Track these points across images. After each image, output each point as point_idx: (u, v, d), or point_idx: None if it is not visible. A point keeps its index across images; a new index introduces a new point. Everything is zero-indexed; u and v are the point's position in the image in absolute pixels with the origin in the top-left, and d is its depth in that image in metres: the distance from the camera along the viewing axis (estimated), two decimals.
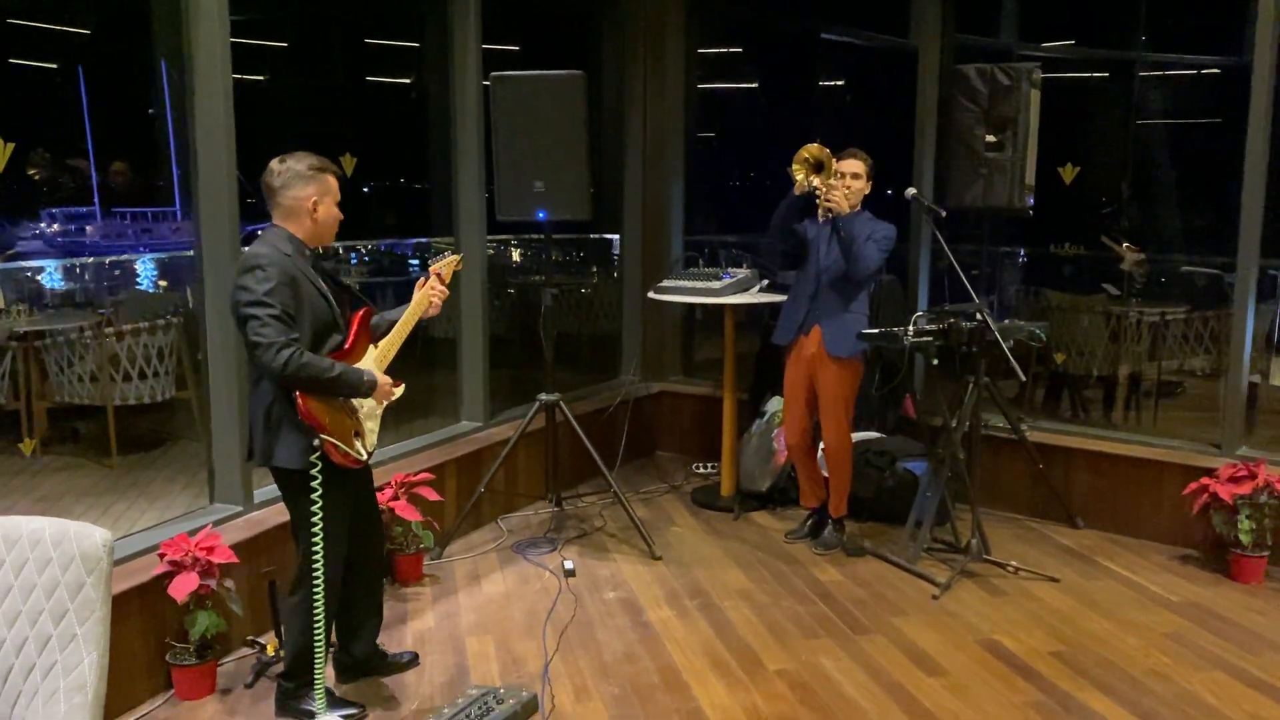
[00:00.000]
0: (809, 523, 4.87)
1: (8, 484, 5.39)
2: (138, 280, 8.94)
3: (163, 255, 9.37)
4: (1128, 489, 4.90)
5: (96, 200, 10.45)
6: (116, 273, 9.06)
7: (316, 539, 3.01)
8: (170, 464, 5.80)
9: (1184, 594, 4.25)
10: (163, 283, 8.62)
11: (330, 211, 3.10)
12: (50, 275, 8.35)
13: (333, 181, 3.10)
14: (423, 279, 3.30)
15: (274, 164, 3.05)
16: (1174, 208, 7.83)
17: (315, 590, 3.04)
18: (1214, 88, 4.60)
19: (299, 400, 2.91)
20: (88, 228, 10.47)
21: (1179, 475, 4.65)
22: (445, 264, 3.40)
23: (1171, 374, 6.57)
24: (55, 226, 10.23)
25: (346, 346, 3.09)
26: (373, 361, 3.15)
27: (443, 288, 3.29)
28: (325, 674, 3.19)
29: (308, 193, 3.04)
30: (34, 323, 6.28)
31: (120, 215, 10.72)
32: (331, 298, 3.09)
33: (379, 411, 3.19)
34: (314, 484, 2.96)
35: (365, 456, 3.08)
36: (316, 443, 2.94)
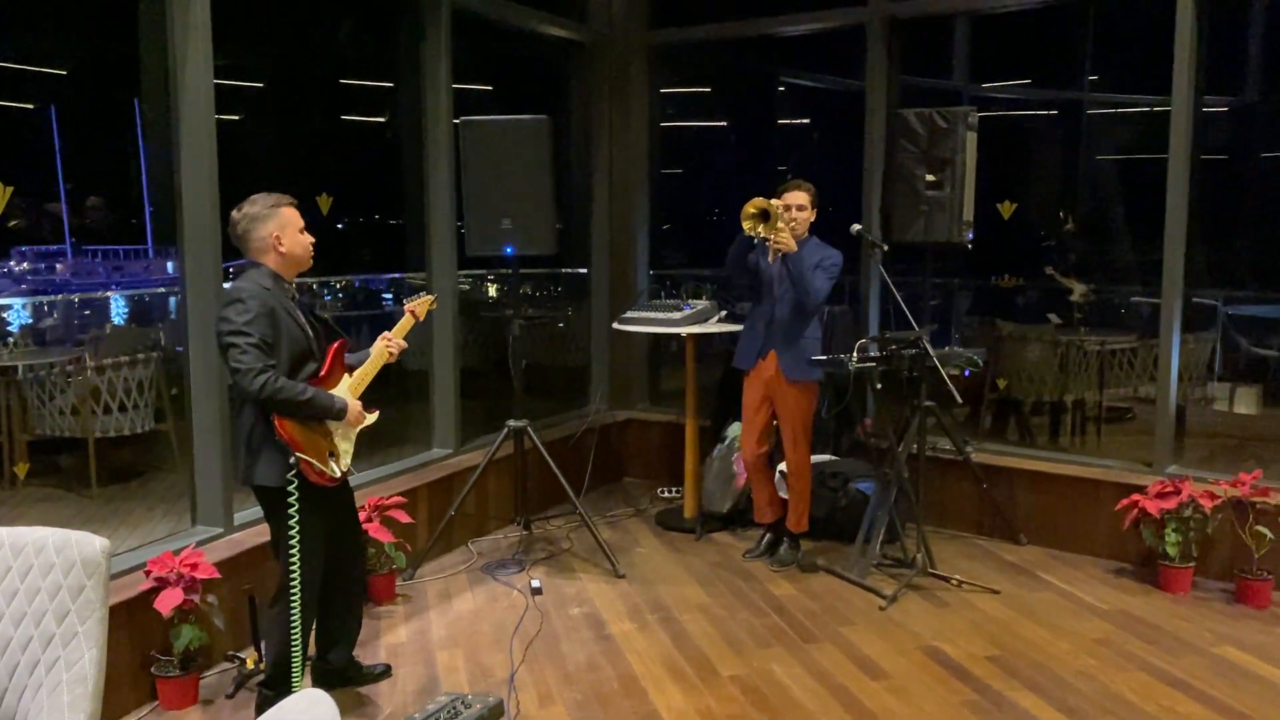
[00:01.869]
0: (764, 539, 5.10)
1: None
2: (110, 317, 9.08)
3: (134, 292, 9.50)
4: (1066, 506, 5.18)
5: (68, 238, 10.58)
6: (86, 312, 9.18)
7: (294, 553, 3.22)
8: (149, 494, 5.97)
9: (1115, 603, 4.51)
10: (111, 325, 8.71)
11: (295, 240, 3.35)
12: (18, 312, 8.47)
13: (289, 213, 3.34)
14: (385, 333, 3.58)
15: (234, 214, 3.33)
16: (1124, 241, 8.17)
17: (293, 602, 3.25)
18: (1163, 125, 4.93)
19: (276, 422, 3.15)
20: (58, 265, 10.60)
21: (1113, 493, 4.92)
22: (420, 303, 3.72)
23: (1122, 400, 6.86)
24: (25, 265, 10.35)
25: (322, 374, 3.34)
26: (346, 390, 3.39)
27: (401, 342, 3.58)
28: (303, 683, 3.38)
29: (267, 230, 3.30)
30: (14, 357, 6.46)
31: (91, 253, 10.86)
32: (309, 329, 3.34)
33: (353, 434, 3.42)
34: (291, 500, 3.18)
35: (339, 475, 3.31)
36: (293, 460, 3.17)
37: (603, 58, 6.48)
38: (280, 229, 3.32)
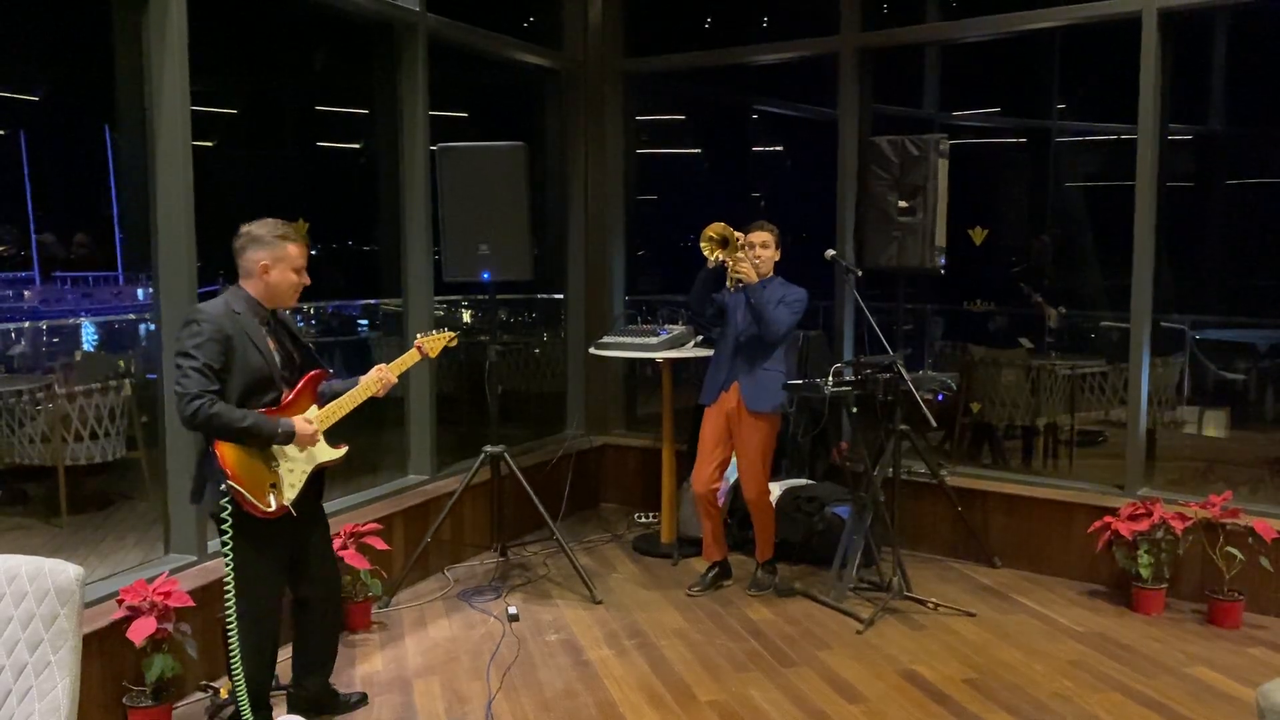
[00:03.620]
0: (711, 573, 5.03)
1: None
2: (81, 344, 8.98)
3: (104, 319, 9.42)
4: (1040, 529, 5.22)
5: (36, 265, 10.48)
6: (56, 339, 9.09)
7: (228, 581, 3.19)
8: (120, 523, 5.90)
9: (1089, 625, 4.55)
10: (80, 351, 8.63)
11: (284, 276, 3.33)
12: None
13: (291, 249, 3.33)
14: (381, 365, 3.55)
15: (242, 227, 3.32)
16: (1094, 266, 8.29)
17: (229, 631, 3.21)
18: (1129, 153, 5.03)
19: (215, 448, 3.14)
20: (26, 292, 10.48)
21: (1086, 515, 4.98)
22: (435, 340, 3.70)
23: (1093, 423, 6.94)
24: None
25: (285, 402, 3.31)
26: (312, 419, 3.34)
27: (393, 378, 3.54)
28: (272, 712, 3.34)
29: (259, 256, 3.29)
30: None
31: (60, 280, 10.75)
32: (274, 358, 3.31)
33: (306, 468, 3.35)
34: (223, 527, 3.16)
35: (273, 508, 3.24)
36: (223, 488, 3.13)
37: (578, 85, 6.53)
38: (274, 260, 3.30)
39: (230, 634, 3.21)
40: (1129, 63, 5.02)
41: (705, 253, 4.57)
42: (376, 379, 3.51)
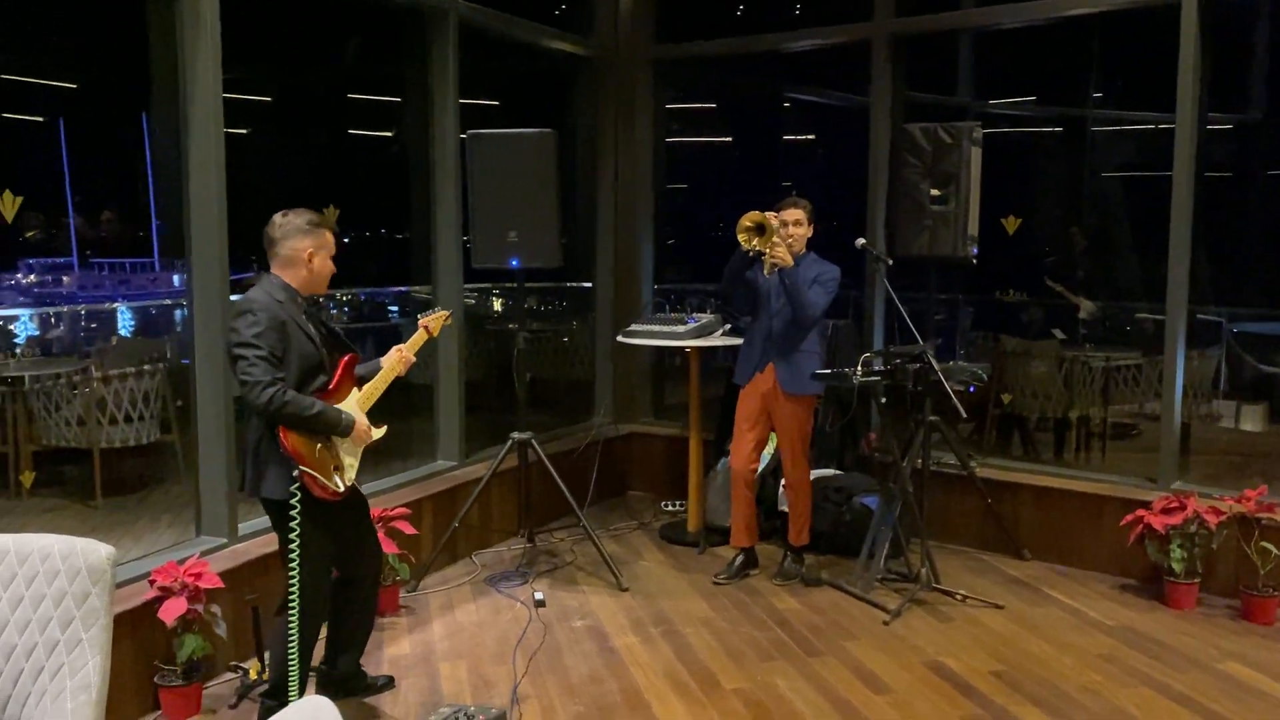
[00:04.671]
0: (736, 562, 5.02)
1: None
2: (117, 329, 9.11)
3: (140, 305, 9.55)
4: (1071, 522, 5.17)
5: (75, 251, 10.64)
6: (94, 325, 9.22)
7: (293, 565, 3.23)
8: (154, 505, 5.98)
9: (1120, 619, 4.50)
10: (117, 336, 8.76)
11: (325, 264, 3.39)
12: (25, 323, 8.51)
13: (329, 237, 3.40)
14: (398, 345, 3.59)
15: (276, 217, 3.35)
16: (1131, 256, 8.18)
17: (291, 614, 3.25)
18: (1167, 142, 4.94)
19: (281, 435, 3.15)
20: (65, 278, 10.65)
21: (1117, 508, 4.91)
22: (434, 319, 3.73)
23: (1127, 417, 6.86)
24: (32, 277, 10.41)
25: (331, 387, 3.35)
26: (355, 404, 3.40)
27: (411, 356, 3.58)
28: (305, 692, 3.38)
29: (304, 244, 3.32)
30: (21, 367, 6.48)
31: (98, 266, 10.91)
32: (319, 342, 3.35)
33: (359, 449, 3.42)
34: (293, 513, 3.19)
35: (342, 489, 3.30)
36: (296, 474, 3.16)
37: (608, 72, 6.52)
38: (317, 248, 3.35)
39: (291, 618, 3.24)
40: (1168, 49, 4.93)
41: (741, 242, 4.55)
42: (398, 359, 3.55)
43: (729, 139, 9.56)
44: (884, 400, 4.54)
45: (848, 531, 5.22)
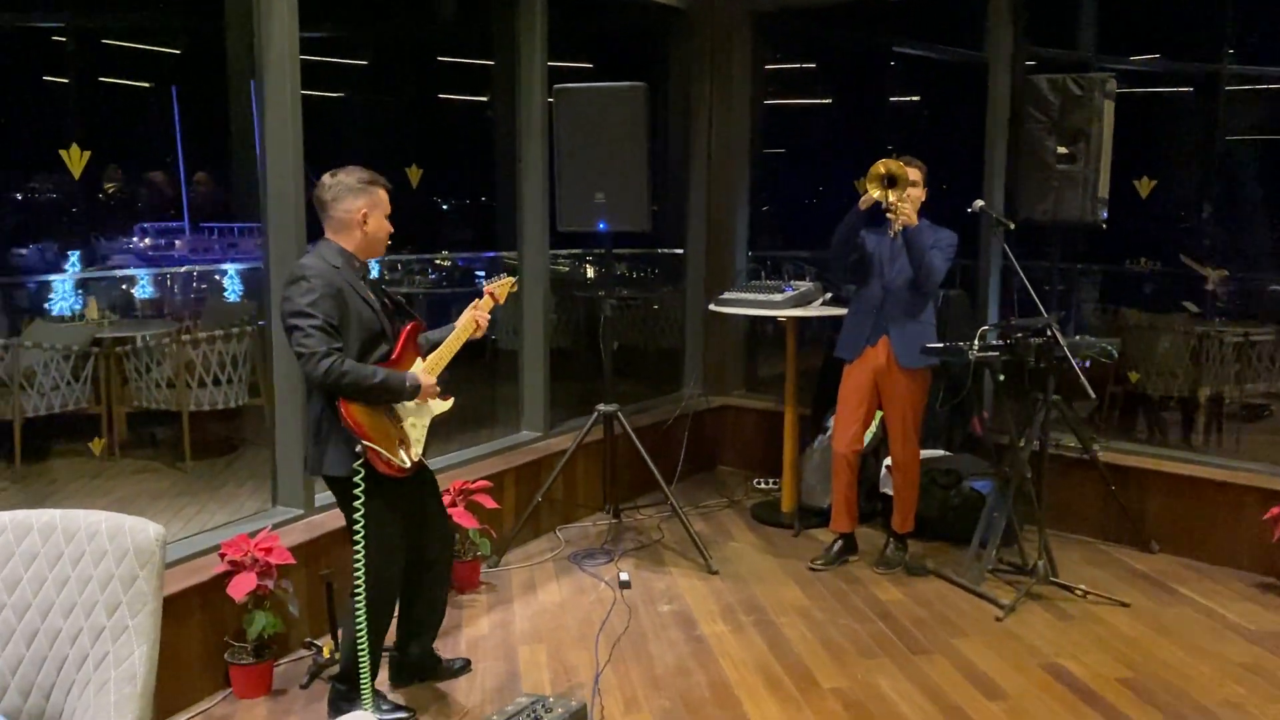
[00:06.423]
0: (835, 547, 4.71)
1: (86, 485, 5.58)
2: (223, 292, 9.23)
3: (243, 266, 9.65)
4: (1205, 513, 4.72)
5: (186, 215, 10.86)
6: (204, 286, 9.36)
7: (359, 545, 3.05)
8: (242, 469, 5.95)
9: (1263, 623, 4.06)
10: (209, 299, 8.85)
11: (380, 224, 3.16)
12: (142, 286, 8.67)
13: (383, 194, 3.16)
14: (476, 300, 3.35)
15: (325, 178, 3.13)
16: (1263, 224, 7.57)
17: (357, 595, 3.08)
18: None
19: (342, 408, 2.96)
20: (177, 241, 10.90)
21: (1259, 499, 4.47)
22: (500, 285, 3.47)
23: (1259, 396, 6.34)
24: (147, 241, 10.67)
25: (394, 356, 3.14)
26: (422, 371, 3.18)
27: (486, 315, 3.33)
28: (376, 677, 3.22)
29: (358, 205, 3.10)
30: (116, 329, 6.51)
31: (208, 230, 11.13)
32: (379, 310, 3.14)
33: (426, 422, 3.20)
34: (357, 491, 3.00)
35: (409, 465, 3.10)
36: (359, 449, 2.97)
37: (704, 27, 6.18)
38: (371, 207, 3.13)
39: (357, 599, 3.07)
40: None
41: (872, 191, 4.19)
42: (471, 319, 3.29)
43: (828, 100, 9.12)
44: (1002, 377, 4.16)
45: (955, 517, 4.86)
